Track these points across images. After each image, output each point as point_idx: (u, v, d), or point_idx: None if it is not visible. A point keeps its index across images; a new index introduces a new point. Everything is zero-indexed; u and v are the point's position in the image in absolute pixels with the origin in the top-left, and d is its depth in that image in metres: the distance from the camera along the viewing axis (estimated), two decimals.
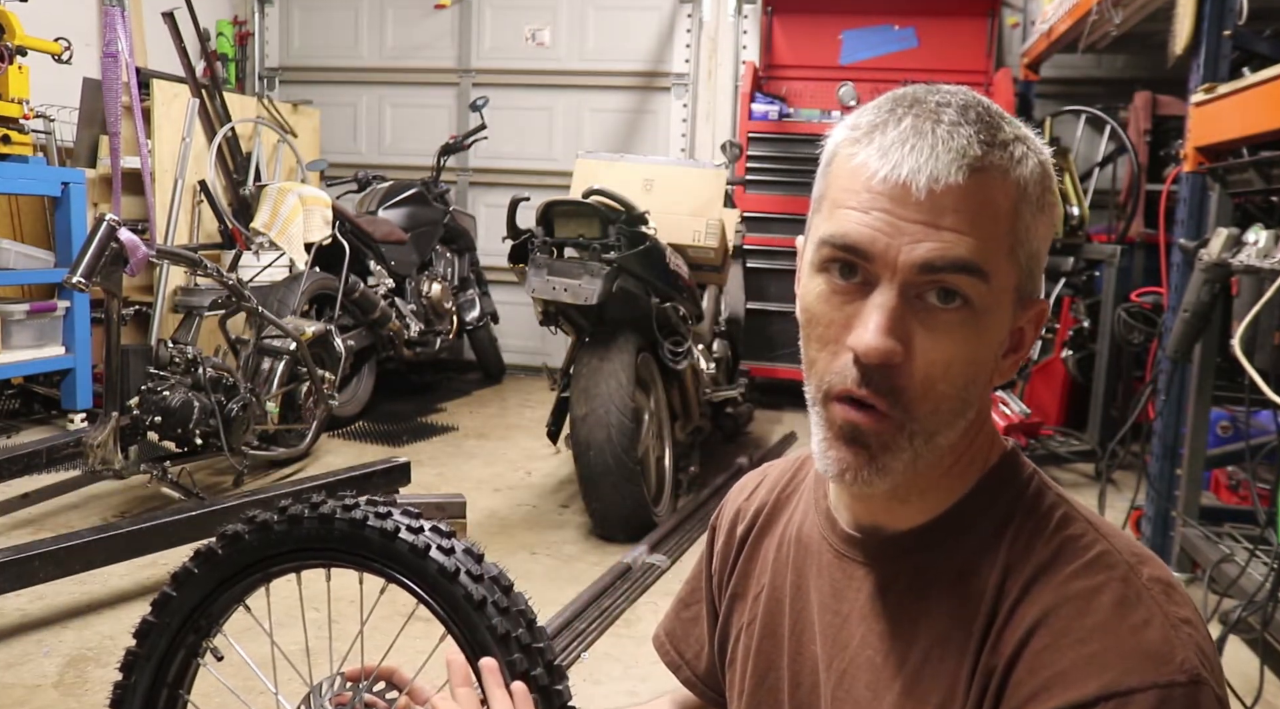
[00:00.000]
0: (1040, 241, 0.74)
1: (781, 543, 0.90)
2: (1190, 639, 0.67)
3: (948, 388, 0.71)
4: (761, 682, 0.88)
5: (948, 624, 0.74)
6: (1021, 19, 5.86)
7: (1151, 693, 0.64)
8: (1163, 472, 3.09)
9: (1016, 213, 0.71)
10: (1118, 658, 0.65)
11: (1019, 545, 0.74)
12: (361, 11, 6.60)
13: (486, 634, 0.91)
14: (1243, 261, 2.44)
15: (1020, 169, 0.71)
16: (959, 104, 0.72)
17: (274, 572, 1.05)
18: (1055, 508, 0.76)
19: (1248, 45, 3.09)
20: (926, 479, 0.76)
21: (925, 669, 0.74)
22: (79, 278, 2.90)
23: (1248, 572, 2.49)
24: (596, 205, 3.29)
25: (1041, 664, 0.67)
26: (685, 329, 3.58)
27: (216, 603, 1.06)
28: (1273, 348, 2.42)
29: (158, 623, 1.06)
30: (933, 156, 0.69)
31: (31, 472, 3.32)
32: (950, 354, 0.70)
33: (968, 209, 0.69)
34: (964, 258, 0.69)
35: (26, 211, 4.68)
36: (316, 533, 0.98)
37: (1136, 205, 4.75)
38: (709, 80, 6.17)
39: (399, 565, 0.95)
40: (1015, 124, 0.74)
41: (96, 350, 4.39)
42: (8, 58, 4.03)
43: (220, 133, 4.90)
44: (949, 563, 0.76)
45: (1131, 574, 0.70)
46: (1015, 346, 0.76)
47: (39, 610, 2.60)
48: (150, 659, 1.07)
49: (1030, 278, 0.74)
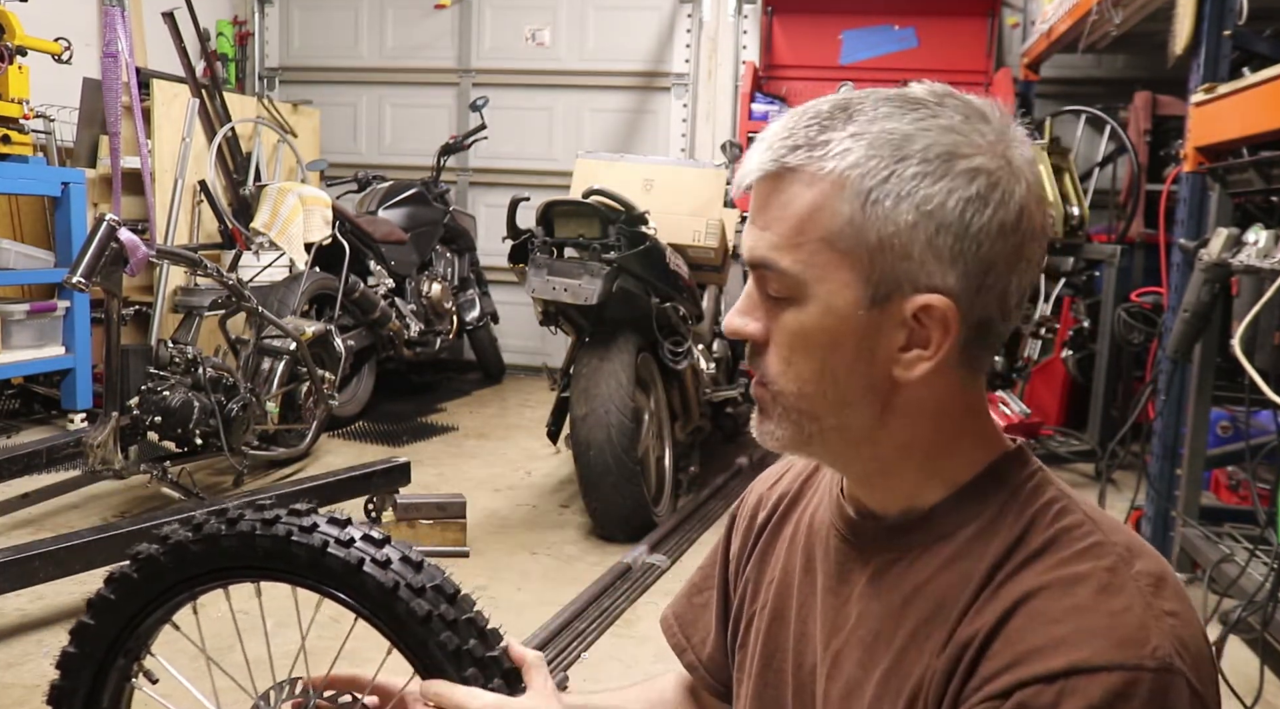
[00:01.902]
0: (893, 235, 0.72)
1: (797, 530, 0.93)
2: (1170, 630, 0.68)
3: (802, 370, 0.76)
4: (769, 663, 0.91)
5: (934, 606, 0.76)
6: (1021, 19, 5.86)
7: (1117, 674, 0.65)
8: (1163, 472, 3.09)
9: (828, 209, 0.73)
10: (1090, 637, 0.67)
11: (1012, 535, 0.75)
12: (361, 11, 6.60)
13: (436, 650, 0.86)
14: (1243, 261, 2.44)
15: (835, 162, 0.72)
16: (802, 110, 0.77)
17: (198, 591, 0.99)
18: (1055, 502, 0.77)
19: (1248, 45, 3.09)
20: (882, 465, 0.80)
21: (911, 647, 0.77)
22: (79, 278, 2.90)
23: (1248, 572, 2.49)
24: (596, 205, 3.29)
25: (1017, 639, 0.69)
26: (685, 329, 3.58)
27: (142, 626, 1.00)
28: (1273, 348, 2.42)
29: (79, 653, 0.99)
30: (749, 159, 0.77)
31: (31, 472, 3.32)
32: (790, 338, 0.77)
33: (769, 208, 0.76)
34: (762, 255, 0.76)
35: (26, 211, 4.68)
36: (238, 551, 0.92)
37: (1136, 205, 4.75)
38: (709, 80, 6.17)
39: (332, 581, 0.89)
40: (869, 120, 0.73)
41: (96, 350, 4.39)
42: (8, 58, 4.03)
43: (220, 133, 4.90)
44: (941, 550, 0.78)
45: (1120, 564, 0.71)
46: (916, 342, 0.74)
47: (39, 610, 2.60)
48: (78, 691, 1.01)
49: (889, 268, 0.72)
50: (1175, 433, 3.06)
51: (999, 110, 0.76)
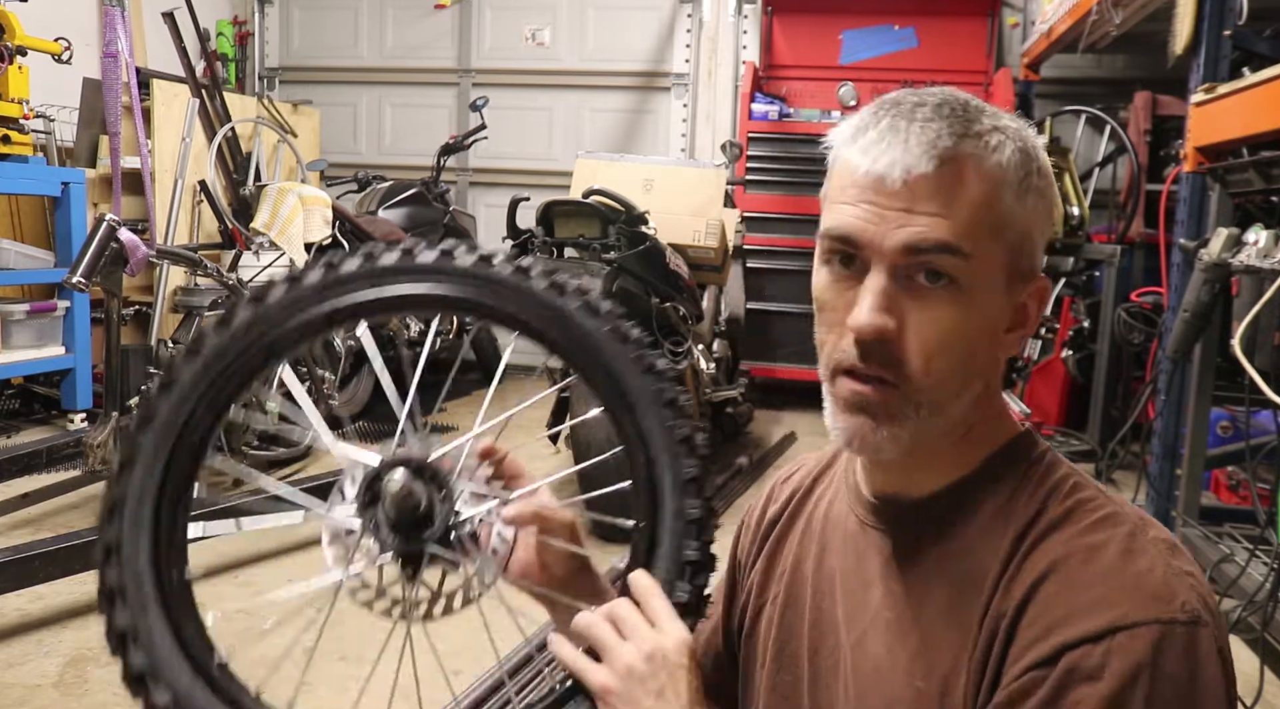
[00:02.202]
0: (1030, 223, 0.79)
1: (810, 522, 0.95)
2: (1192, 588, 0.72)
3: (945, 361, 0.77)
4: (782, 650, 0.93)
5: (962, 583, 0.79)
6: (1021, 19, 5.86)
7: (1154, 627, 0.69)
8: (1163, 472, 3.09)
9: (995, 196, 0.77)
10: (1123, 596, 0.71)
11: (1032, 508, 0.79)
12: (361, 11, 6.60)
13: (647, 396, 0.84)
14: (1243, 261, 2.44)
15: (997, 155, 0.77)
16: (935, 103, 0.78)
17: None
18: (1068, 477, 0.81)
19: (1248, 45, 3.09)
20: (938, 448, 0.82)
21: (939, 625, 0.79)
22: (79, 278, 2.90)
23: (1248, 572, 2.49)
24: (596, 205, 3.29)
25: (1052, 606, 0.72)
26: (685, 329, 3.57)
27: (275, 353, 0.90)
28: (1273, 348, 2.42)
29: (196, 368, 0.88)
30: (905, 150, 0.76)
31: (31, 472, 3.32)
32: (942, 329, 0.77)
33: (942, 194, 0.76)
34: (942, 239, 0.75)
35: (26, 211, 4.68)
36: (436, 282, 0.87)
37: (1136, 205, 4.75)
38: (709, 80, 6.17)
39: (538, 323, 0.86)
40: (996, 116, 0.79)
41: (96, 350, 4.38)
42: (8, 58, 4.03)
43: (220, 133, 4.89)
44: (965, 527, 0.81)
45: (1137, 531, 0.76)
46: (1020, 322, 0.82)
47: (39, 610, 2.60)
48: (175, 417, 0.88)
49: (1023, 256, 0.79)
50: (1175, 433, 3.06)
51: None
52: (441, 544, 0.86)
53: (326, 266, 0.90)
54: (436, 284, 0.89)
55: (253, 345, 0.89)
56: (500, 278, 0.88)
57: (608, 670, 0.81)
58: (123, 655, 0.87)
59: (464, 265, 0.89)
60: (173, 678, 0.85)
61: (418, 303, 0.90)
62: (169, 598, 0.90)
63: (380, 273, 0.89)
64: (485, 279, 0.88)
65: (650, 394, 0.85)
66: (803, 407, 5.31)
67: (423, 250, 0.90)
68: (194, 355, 0.89)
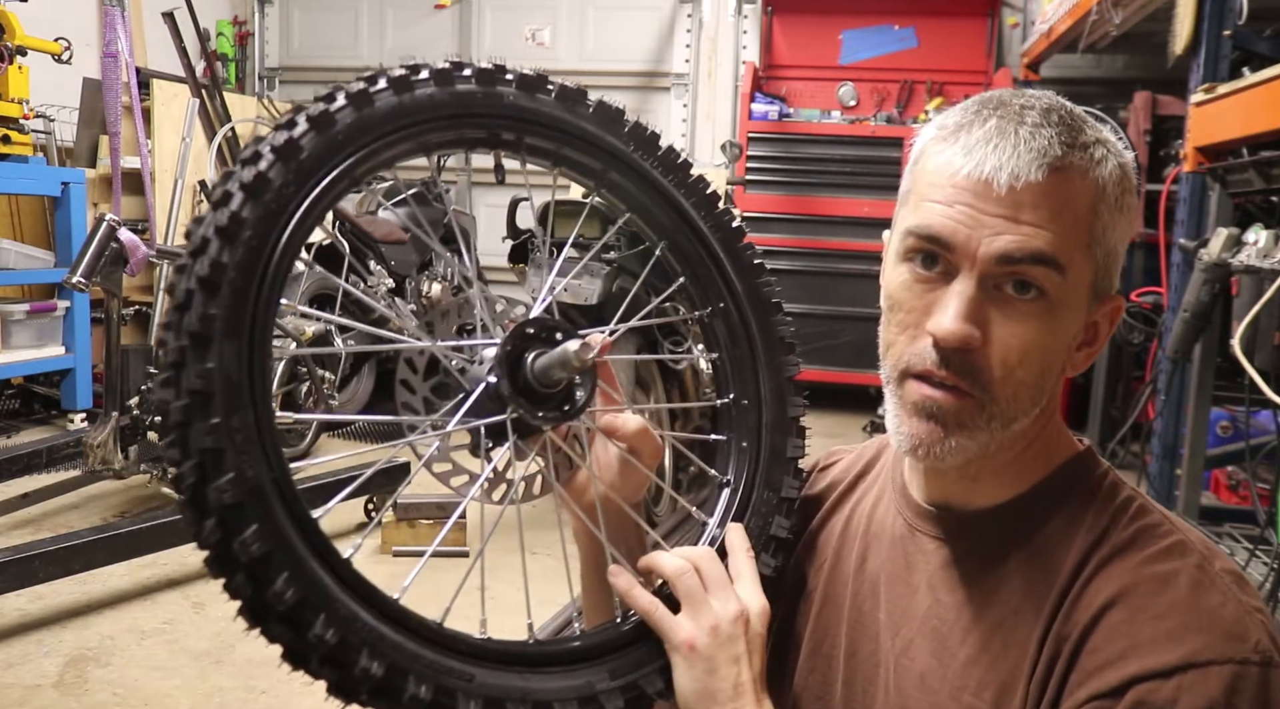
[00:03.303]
0: (1118, 240, 0.77)
1: (851, 520, 0.94)
2: (1263, 625, 0.70)
3: (1025, 374, 0.75)
4: (817, 648, 0.92)
5: (1021, 598, 0.77)
6: (1021, 19, 5.86)
7: (1228, 668, 0.67)
8: (1163, 472, 3.09)
9: (1094, 211, 0.75)
10: (1196, 633, 0.69)
11: (1096, 529, 0.77)
12: (361, 11, 6.60)
13: (760, 509, 0.84)
14: (1243, 261, 2.44)
15: (1100, 170, 0.75)
16: (1042, 107, 0.76)
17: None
18: (1132, 500, 0.79)
19: (1248, 45, 3.08)
20: (999, 461, 0.80)
21: (995, 639, 0.77)
22: (79, 278, 2.90)
23: (1248, 571, 2.49)
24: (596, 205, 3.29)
25: (1119, 634, 0.71)
26: (685, 329, 3.57)
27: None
28: (1273, 348, 2.41)
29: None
30: (1014, 155, 0.73)
31: (31, 472, 3.32)
32: (1026, 342, 0.74)
33: (1047, 205, 0.73)
34: (1042, 250, 0.73)
35: (26, 211, 4.68)
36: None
37: None
38: (709, 80, 6.17)
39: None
40: (1097, 128, 0.77)
41: (96, 350, 4.38)
42: (8, 58, 4.03)
43: (220, 133, 4.90)
44: (1025, 541, 0.79)
45: (1205, 562, 0.74)
46: (1090, 340, 0.80)
47: (39, 610, 2.60)
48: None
49: (1106, 275, 0.78)
50: (1175, 433, 3.06)
51: None
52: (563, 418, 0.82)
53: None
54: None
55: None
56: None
57: (693, 625, 0.78)
58: None
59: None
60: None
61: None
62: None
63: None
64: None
65: (768, 348, 0.86)
66: None
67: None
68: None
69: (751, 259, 0.92)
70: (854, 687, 0.87)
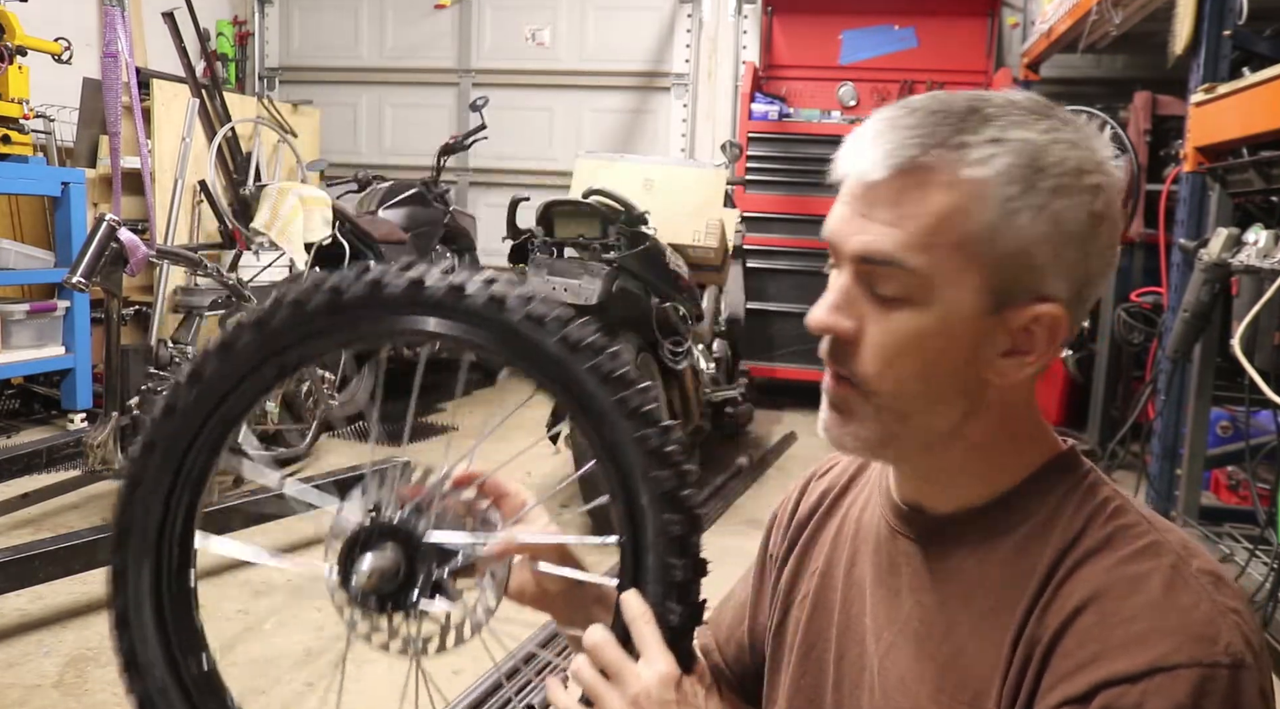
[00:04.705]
0: (1025, 240, 0.72)
1: (843, 523, 0.94)
2: (1236, 626, 0.70)
3: (902, 371, 0.75)
4: (809, 652, 0.92)
5: (996, 600, 0.77)
6: (1021, 19, 5.86)
7: (1196, 671, 0.67)
8: (1163, 472, 3.09)
9: (966, 213, 0.72)
10: (1165, 636, 0.68)
11: (1072, 530, 0.76)
12: (361, 11, 6.60)
13: (611, 407, 0.79)
14: (1243, 261, 2.44)
15: (977, 169, 0.72)
16: (928, 108, 0.75)
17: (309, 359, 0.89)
18: (1110, 500, 0.78)
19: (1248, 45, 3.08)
20: (948, 461, 0.80)
21: (970, 643, 0.78)
22: (79, 278, 2.90)
23: (1247, 572, 2.49)
24: (596, 205, 3.29)
25: (1091, 638, 0.70)
26: (685, 329, 3.57)
27: (238, 394, 0.90)
28: (1273, 348, 2.41)
29: (175, 417, 0.89)
30: (864, 155, 0.75)
31: (31, 472, 3.32)
32: (895, 340, 0.75)
33: (896, 204, 0.73)
34: (884, 251, 0.74)
35: (26, 211, 4.68)
36: (408, 300, 0.83)
37: (1136, 205, 4.74)
38: (709, 80, 6.17)
39: (484, 330, 0.81)
40: (1008, 128, 0.73)
41: (96, 350, 4.38)
42: (8, 58, 4.03)
43: (220, 133, 4.89)
44: (1000, 545, 0.79)
45: (1181, 563, 0.73)
46: (1022, 349, 0.76)
47: (39, 610, 2.60)
48: (169, 458, 0.90)
49: (1012, 280, 0.74)
50: (1175, 433, 3.06)
51: (1094, 125, 0.78)
52: (433, 594, 0.85)
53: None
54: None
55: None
56: (435, 298, 0.84)
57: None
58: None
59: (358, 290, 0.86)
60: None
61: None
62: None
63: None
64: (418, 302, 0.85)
65: (615, 404, 0.81)
66: (803, 407, 5.31)
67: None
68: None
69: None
70: (843, 690, 0.88)
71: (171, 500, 0.91)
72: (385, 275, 0.84)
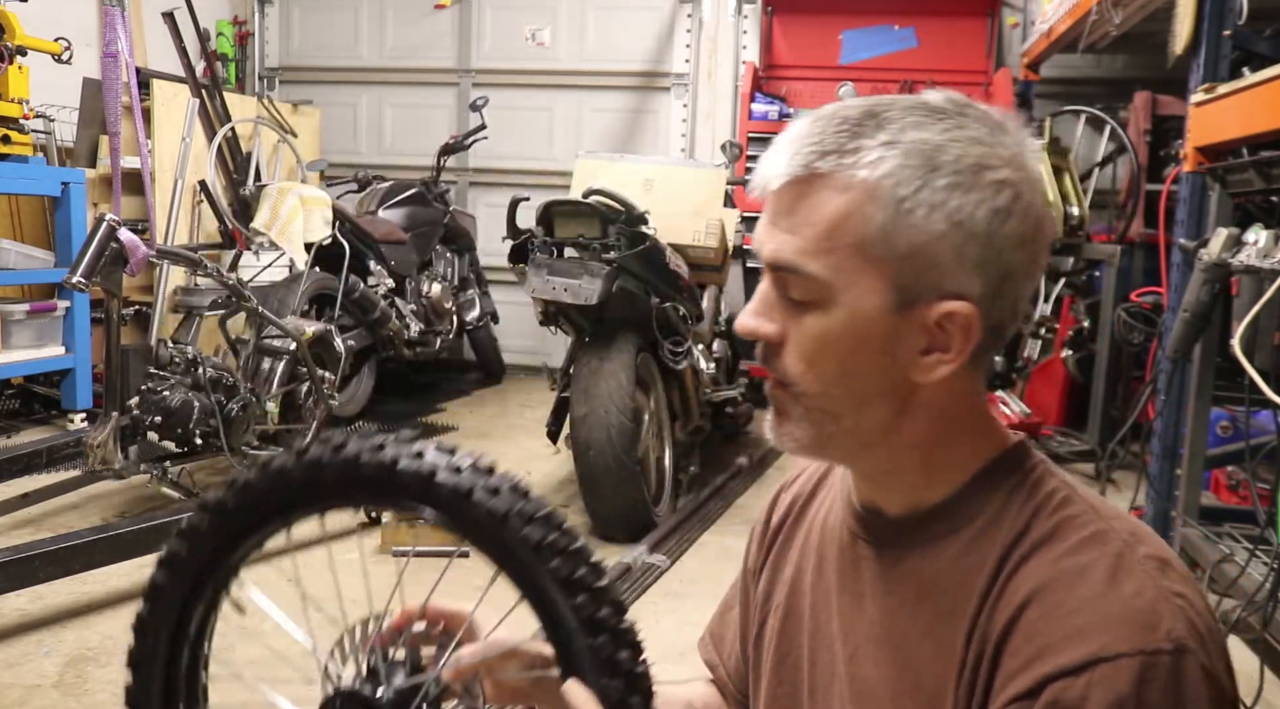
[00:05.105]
0: (923, 238, 0.73)
1: (810, 529, 0.95)
2: (1180, 611, 0.70)
3: (821, 371, 0.77)
4: (783, 659, 0.93)
5: (948, 600, 0.77)
6: (1021, 19, 5.86)
7: (1137, 659, 0.67)
8: (1163, 472, 3.09)
9: (859, 214, 0.74)
10: (1106, 626, 0.69)
11: (1019, 524, 0.77)
12: (361, 11, 6.60)
13: (546, 579, 0.82)
14: (1243, 261, 2.44)
15: (868, 172, 0.73)
16: (825, 117, 0.77)
17: (294, 518, 0.94)
18: (1056, 492, 0.78)
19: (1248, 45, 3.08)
20: (889, 463, 0.81)
21: (925, 645, 0.78)
22: (79, 278, 2.90)
23: (1248, 572, 2.49)
24: (596, 205, 3.29)
25: (1036, 632, 0.71)
26: (685, 329, 3.57)
27: (234, 554, 0.96)
28: (1273, 348, 2.41)
29: (169, 582, 0.97)
30: (770, 165, 0.78)
31: (31, 472, 3.32)
32: (810, 342, 0.77)
33: (795, 212, 0.76)
34: (786, 258, 0.77)
35: (26, 211, 4.69)
36: (340, 478, 0.88)
37: (1136, 205, 4.75)
38: (709, 80, 6.17)
39: (440, 507, 0.85)
40: (903, 131, 0.74)
41: (96, 350, 4.39)
42: (8, 58, 4.03)
43: (220, 133, 4.90)
44: (949, 545, 0.79)
45: (1126, 550, 0.73)
46: (938, 346, 0.76)
47: (39, 610, 2.60)
48: (165, 620, 0.98)
49: (915, 279, 0.74)
50: (1175, 433, 3.06)
51: (1015, 121, 0.78)
52: None
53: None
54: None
55: None
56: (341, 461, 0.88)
57: None
58: None
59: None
60: None
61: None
62: None
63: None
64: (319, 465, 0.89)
65: (572, 611, 0.84)
66: None
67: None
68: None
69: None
70: (817, 697, 0.88)
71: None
72: (362, 453, 0.87)
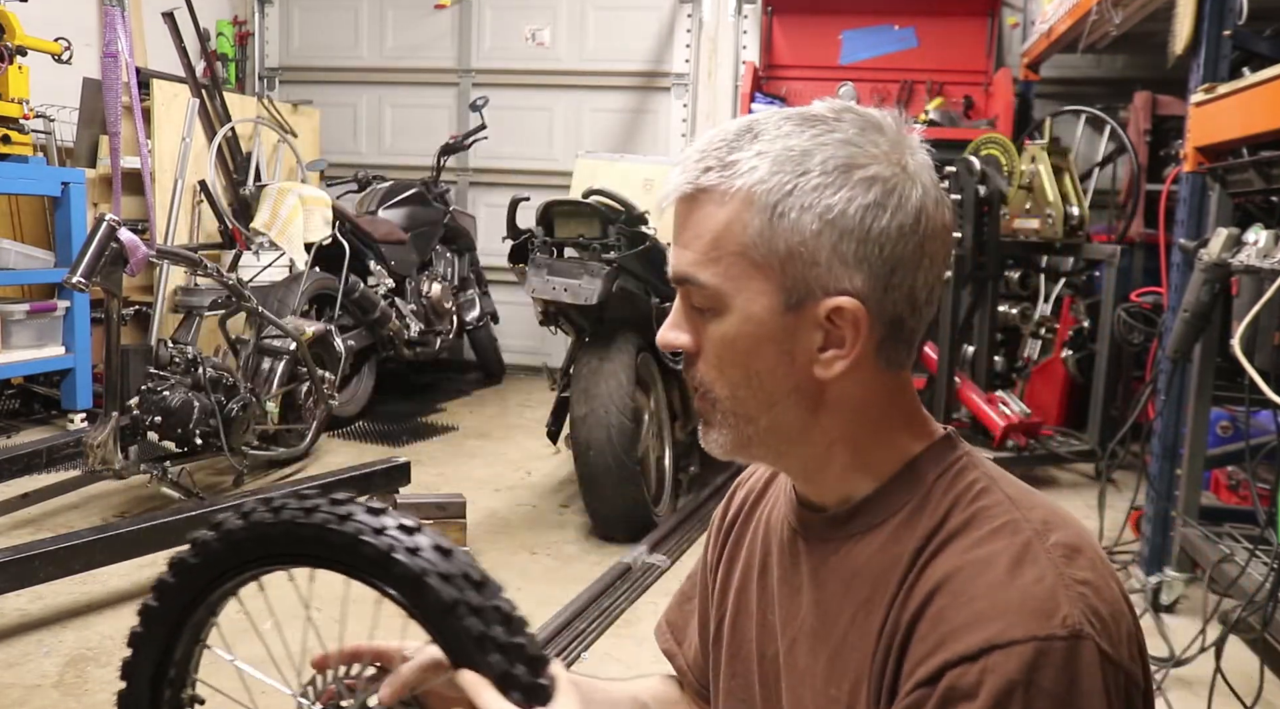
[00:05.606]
0: (798, 238, 0.76)
1: (759, 526, 0.97)
2: (1081, 598, 0.71)
3: (733, 377, 0.81)
4: (736, 654, 0.95)
5: (870, 590, 0.80)
6: (1021, 19, 5.86)
7: (1030, 645, 0.68)
8: (1163, 472, 3.09)
9: (741, 223, 0.77)
10: (1003, 613, 0.70)
11: (937, 516, 0.79)
12: (361, 11, 6.60)
13: (461, 635, 0.87)
14: (1243, 261, 2.44)
15: (744, 180, 0.77)
16: (715, 134, 0.82)
17: (246, 577, 1.02)
18: (975, 483, 0.80)
19: (1248, 45, 3.08)
20: (815, 460, 0.84)
21: (851, 635, 0.80)
22: (79, 278, 2.90)
23: (1248, 572, 2.49)
24: (596, 205, 3.29)
25: (940, 620, 0.72)
26: None
27: (194, 614, 1.05)
28: (1273, 348, 2.41)
29: (146, 632, 1.05)
30: (664, 185, 0.83)
31: (31, 472, 3.32)
32: (714, 349, 0.81)
33: (686, 227, 0.81)
34: (682, 270, 0.81)
35: (26, 211, 4.69)
36: (280, 538, 0.95)
37: (1136, 205, 4.75)
38: (709, 80, 6.17)
39: (365, 568, 0.91)
40: (775, 140, 0.78)
41: (96, 350, 4.39)
42: (8, 58, 4.03)
43: (220, 133, 4.90)
44: (877, 534, 0.81)
45: (1035, 538, 0.74)
46: (832, 342, 0.79)
47: (39, 610, 2.60)
48: (147, 663, 1.06)
49: (799, 280, 0.77)
50: (1175, 433, 3.06)
51: (895, 120, 0.81)
52: None
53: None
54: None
55: None
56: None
57: None
58: None
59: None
60: None
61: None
62: None
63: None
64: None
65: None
66: None
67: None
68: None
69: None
70: (768, 687, 0.90)
71: None
72: (329, 520, 0.92)
